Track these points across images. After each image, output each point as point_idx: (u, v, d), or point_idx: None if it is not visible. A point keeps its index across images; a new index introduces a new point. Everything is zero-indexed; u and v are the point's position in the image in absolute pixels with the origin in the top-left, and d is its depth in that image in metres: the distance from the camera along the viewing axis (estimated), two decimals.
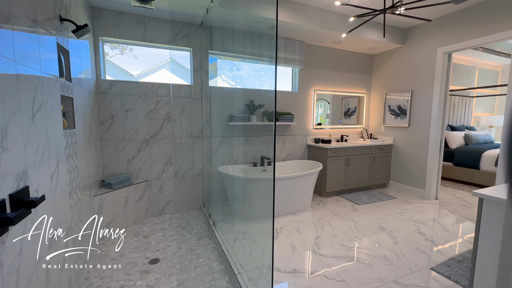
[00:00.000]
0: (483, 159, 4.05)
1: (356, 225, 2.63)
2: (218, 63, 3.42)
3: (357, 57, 4.12)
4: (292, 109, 3.68)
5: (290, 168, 3.53)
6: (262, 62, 3.43)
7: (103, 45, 2.68)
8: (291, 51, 3.49)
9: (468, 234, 2.45)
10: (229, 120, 3.19)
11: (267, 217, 2.76)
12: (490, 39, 2.80)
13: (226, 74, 3.44)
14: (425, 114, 3.47)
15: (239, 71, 3.54)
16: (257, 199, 2.73)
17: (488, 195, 1.22)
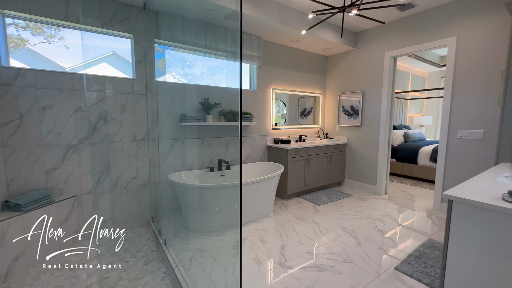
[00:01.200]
0: (420, 155, 4.52)
1: (319, 228, 2.56)
2: (167, 54, 3.00)
3: (312, 57, 4.14)
4: (251, 108, 3.48)
5: (251, 171, 3.32)
6: (218, 57, 3.13)
7: (3, 20, 2.02)
8: (249, 46, 3.27)
9: (416, 226, 2.60)
10: (181, 120, 2.81)
11: (228, 227, 2.49)
12: (423, 47, 3.07)
13: (176, 68, 3.04)
14: (375, 114, 3.66)
15: (192, 65, 3.17)
16: (216, 209, 2.44)
17: (458, 197, 1.20)
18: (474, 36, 2.66)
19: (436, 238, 2.35)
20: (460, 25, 2.75)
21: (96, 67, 2.53)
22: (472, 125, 2.73)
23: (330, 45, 3.72)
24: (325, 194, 3.68)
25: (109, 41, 2.53)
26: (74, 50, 2.41)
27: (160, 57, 2.89)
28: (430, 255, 2.04)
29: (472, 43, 2.68)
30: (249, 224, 2.63)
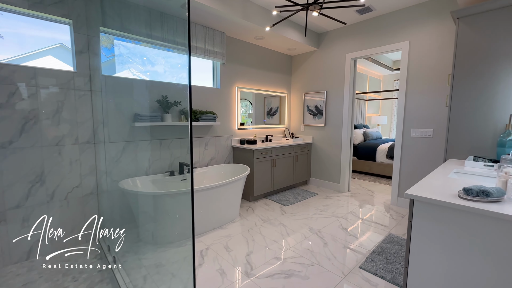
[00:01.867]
0: (378, 153, 4.80)
1: (286, 230, 2.50)
2: (117, 46, 2.66)
3: (278, 56, 4.11)
4: (215, 107, 3.30)
5: (215, 174, 3.14)
6: (177, 51, 2.88)
7: None
8: (211, 42, 3.09)
9: (377, 222, 2.70)
10: (135, 120, 2.51)
11: (189, 236, 2.29)
12: (380, 50, 3.22)
13: (129, 62, 2.72)
14: (338, 114, 3.76)
15: (148, 59, 2.87)
16: (175, 217, 2.22)
17: (419, 196, 1.20)
18: (424, 41, 2.85)
19: (395, 232, 2.45)
20: (412, 31, 2.94)
21: (40, 60, 2.13)
22: (423, 124, 2.93)
23: (295, 45, 3.71)
24: (292, 194, 3.66)
25: (55, 32, 2.15)
26: (12, 40, 1.99)
27: (109, 48, 2.55)
28: (391, 250, 2.11)
29: (423, 48, 2.87)
30: (213, 231, 2.46)
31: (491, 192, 1.10)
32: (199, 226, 2.38)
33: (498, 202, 1.10)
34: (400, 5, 2.93)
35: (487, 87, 2.01)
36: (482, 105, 2.05)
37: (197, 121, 2.99)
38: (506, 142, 1.83)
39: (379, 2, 2.87)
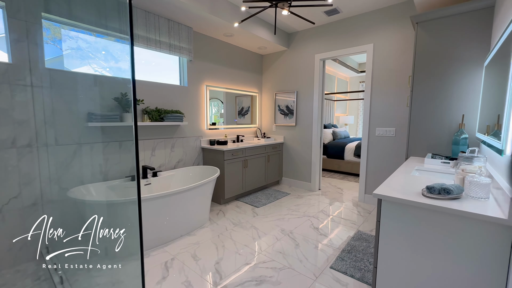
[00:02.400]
0: (346, 151, 4.98)
1: (258, 233, 2.43)
2: (74, 38, 2.36)
3: (248, 55, 4.03)
4: (182, 106, 3.11)
5: (183, 177, 2.96)
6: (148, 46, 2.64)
7: None
8: (177, 36, 2.90)
9: (346, 219, 2.76)
10: (89, 120, 2.25)
11: (156, 245, 2.11)
12: (347, 52, 3.32)
13: (89, 57, 2.43)
14: (308, 114, 3.80)
15: (102, 51, 2.59)
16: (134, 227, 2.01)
17: (386, 196, 1.20)
18: (387, 44, 2.98)
19: (363, 229, 2.52)
20: (376, 34, 3.06)
21: None
22: (387, 123, 3.06)
23: (265, 44, 3.67)
24: (264, 195, 3.61)
25: None
26: None
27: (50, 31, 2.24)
28: (359, 248, 2.15)
29: (386, 50, 3.00)
30: (180, 239, 2.29)
31: (451, 190, 1.13)
32: (164, 235, 2.20)
33: (458, 199, 1.14)
34: (365, 8, 3.03)
35: (443, 89, 2.14)
36: (438, 105, 2.17)
37: (161, 121, 2.78)
38: (459, 140, 1.96)
39: (345, 5, 2.94)
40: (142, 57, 2.85)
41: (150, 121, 2.70)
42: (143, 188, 2.57)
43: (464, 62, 2.03)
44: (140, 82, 2.68)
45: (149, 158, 2.80)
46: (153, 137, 2.83)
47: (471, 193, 1.16)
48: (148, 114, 2.69)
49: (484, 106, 1.79)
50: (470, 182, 1.16)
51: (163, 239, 2.19)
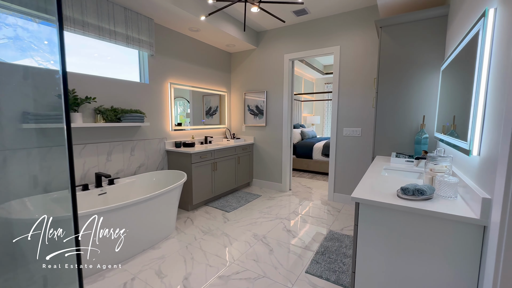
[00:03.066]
0: (314, 151, 5.09)
1: (230, 240, 2.29)
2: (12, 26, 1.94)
3: (216, 52, 3.86)
4: (143, 105, 2.82)
5: (145, 184, 2.68)
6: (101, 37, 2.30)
7: None
8: (135, 27, 2.61)
9: (318, 219, 2.77)
10: (24, 120, 1.87)
11: (114, 262, 1.84)
12: (315, 53, 3.36)
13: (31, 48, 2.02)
14: (278, 114, 3.76)
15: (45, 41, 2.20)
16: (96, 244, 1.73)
17: (364, 199, 1.17)
18: (353, 47, 3.08)
19: (334, 229, 2.55)
20: (343, 36, 3.13)
21: None
22: (353, 124, 3.16)
23: (233, 41, 3.53)
24: (234, 198, 3.48)
25: None
26: None
27: None
28: (332, 248, 2.15)
29: (352, 53, 3.09)
30: (142, 254, 2.05)
31: (425, 190, 1.14)
32: (123, 251, 1.94)
33: (430, 199, 1.15)
34: (332, 11, 3.09)
35: (405, 91, 2.25)
36: (401, 107, 2.28)
37: (119, 122, 2.48)
38: (421, 139, 2.07)
39: (313, 6, 2.96)
40: (95, 50, 2.51)
41: (104, 121, 2.38)
42: (97, 198, 2.26)
43: (423, 66, 2.15)
44: (92, 77, 2.35)
45: (104, 163, 2.48)
46: (109, 139, 2.51)
47: (441, 193, 1.18)
48: (102, 114, 2.36)
49: (442, 108, 1.91)
50: (440, 181, 1.19)
51: (121, 256, 1.93)
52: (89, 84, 2.31)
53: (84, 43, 2.41)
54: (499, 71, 0.93)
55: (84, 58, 2.43)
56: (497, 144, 0.89)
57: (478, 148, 1.06)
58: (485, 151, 1.01)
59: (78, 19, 2.15)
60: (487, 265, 0.87)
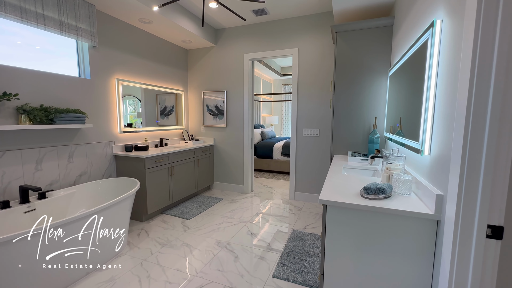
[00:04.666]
0: (274, 151, 5.16)
1: (191, 250, 2.13)
2: None
3: (171, 48, 3.58)
4: (84, 104, 2.43)
5: (88, 195, 2.32)
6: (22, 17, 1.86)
7: None
8: (72, 13, 2.23)
9: (281, 220, 2.79)
10: None
11: None
12: (274, 54, 3.38)
13: None
14: (238, 114, 3.69)
15: None
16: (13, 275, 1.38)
17: (331, 201, 1.17)
18: (311, 50, 3.18)
19: (297, 228, 2.58)
20: (301, 39, 3.21)
21: None
22: (312, 124, 3.27)
23: (190, 37, 3.33)
24: (194, 203, 3.28)
25: None
26: None
27: None
28: (297, 248, 2.16)
29: (310, 55, 3.19)
30: (86, 278, 1.75)
31: (385, 189, 1.19)
32: (61, 277, 1.62)
33: (390, 197, 1.21)
34: (290, 13, 3.14)
35: (359, 93, 2.40)
36: (355, 108, 2.42)
37: (51, 123, 2.08)
38: (373, 139, 2.23)
39: (273, 7, 2.96)
40: (19, 37, 2.06)
41: (30, 123, 1.97)
42: (23, 217, 1.85)
43: (373, 71, 2.32)
44: (13, 69, 1.91)
45: (33, 174, 2.05)
46: (38, 145, 2.09)
47: (397, 190, 1.26)
48: (27, 114, 1.95)
49: (390, 110, 2.08)
50: (397, 179, 1.27)
51: (59, 283, 1.61)
52: (9, 78, 1.88)
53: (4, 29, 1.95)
54: (447, 76, 1.01)
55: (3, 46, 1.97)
56: (447, 145, 0.96)
57: (429, 148, 1.15)
58: (435, 150, 1.09)
59: None
60: (442, 256, 0.94)
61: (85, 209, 2.19)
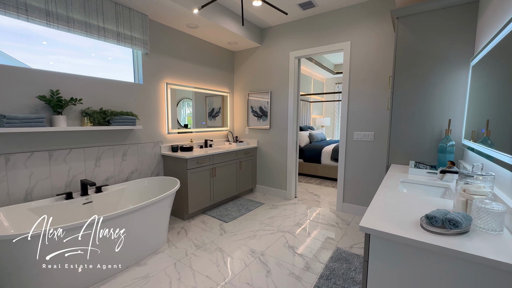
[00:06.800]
0: (323, 155, 4.78)
1: (224, 257, 2.06)
2: None
3: (218, 51, 3.65)
4: (136, 107, 2.65)
5: (136, 191, 2.50)
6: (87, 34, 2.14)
7: None
8: (128, 24, 2.44)
9: (324, 234, 2.49)
10: (0, 124, 1.73)
11: (86, 286, 1.65)
12: (323, 50, 3.07)
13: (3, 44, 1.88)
14: (283, 115, 3.51)
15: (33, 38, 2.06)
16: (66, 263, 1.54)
17: (377, 230, 0.90)
18: (365, 42, 2.78)
19: (342, 246, 2.26)
20: (353, 31, 2.84)
21: None
22: (365, 127, 2.86)
23: (235, 38, 3.31)
24: (235, 206, 3.25)
25: None
26: None
27: None
28: (339, 271, 1.87)
29: (364, 49, 2.79)
30: (125, 271, 1.85)
31: (458, 221, 0.86)
32: (103, 270, 1.75)
33: (466, 232, 0.87)
34: (341, 3, 2.81)
35: (426, 90, 1.95)
36: (421, 108, 1.98)
37: (108, 125, 2.31)
38: (446, 147, 1.76)
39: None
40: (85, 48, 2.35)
41: (92, 124, 2.22)
42: (82, 208, 2.09)
43: (448, 61, 1.84)
44: (78, 77, 2.19)
45: (92, 169, 2.31)
46: (98, 144, 2.34)
47: (480, 224, 0.90)
48: (89, 117, 2.20)
49: (472, 110, 1.60)
50: (479, 208, 0.91)
51: (101, 274, 1.74)
52: (75, 85, 2.15)
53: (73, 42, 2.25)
54: None
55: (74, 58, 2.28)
56: None
57: None
58: None
59: (62, 14, 2.00)
60: None
61: (131, 205, 2.36)
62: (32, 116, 1.84)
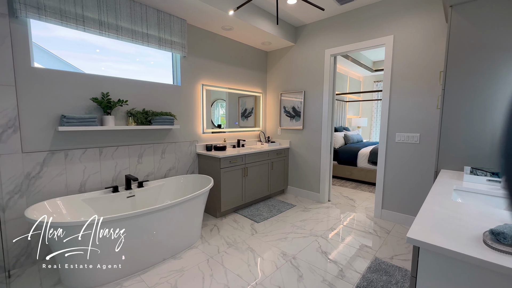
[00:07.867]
0: (359, 157, 4.52)
1: (255, 257, 2.06)
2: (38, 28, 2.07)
3: (251, 51, 3.68)
4: (174, 108, 2.79)
5: (172, 187, 2.63)
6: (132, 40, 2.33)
7: None
8: (168, 29, 2.59)
9: (360, 241, 2.34)
10: (61, 123, 1.96)
11: (128, 274, 1.78)
12: (361, 46, 2.88)
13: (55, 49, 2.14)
14: (316, 116, 3.40)
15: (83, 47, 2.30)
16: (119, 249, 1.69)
17: (428, 243, 0.80)
18: (411, 35, 2.55)
19: (381, 256, 2.10)
20: (397, 24, 2.63)
21: None
22: (409, 128, 2.62)
23: (269, 38, 3.30)
24: (266, 206, 3.24)
25: None
26: None
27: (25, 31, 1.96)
28: (377, 284, 1.74)
29: (409, 43, 2.56)
30: (162, 263, 1.95)
31: None
32: (143, 259, 1.87)
33: None
34: None
35: (485, 86, 1.71)
36: (478, 106, 1.74)
37: (149, 124, 2.47)
38: None
39: None
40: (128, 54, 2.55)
41: (135, 124, 2.39)
42: (126, 201, 2.26)
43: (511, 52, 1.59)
44: (125, 80, 2.38)
45: (135, 166, 2.49)
46: (140, 142, 2.52)
47: None
48: (133, 117, 2.38)
49: None
50: None
51: (141, 264, 1.86)
52: (122, 88, 2.34)
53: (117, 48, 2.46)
54: None
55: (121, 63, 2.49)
56: None
57: None
58: None
59: (112, 23, 2.19)
60: None
61: (169, 200, 2.48)
62: (86, 116, 2.04)
